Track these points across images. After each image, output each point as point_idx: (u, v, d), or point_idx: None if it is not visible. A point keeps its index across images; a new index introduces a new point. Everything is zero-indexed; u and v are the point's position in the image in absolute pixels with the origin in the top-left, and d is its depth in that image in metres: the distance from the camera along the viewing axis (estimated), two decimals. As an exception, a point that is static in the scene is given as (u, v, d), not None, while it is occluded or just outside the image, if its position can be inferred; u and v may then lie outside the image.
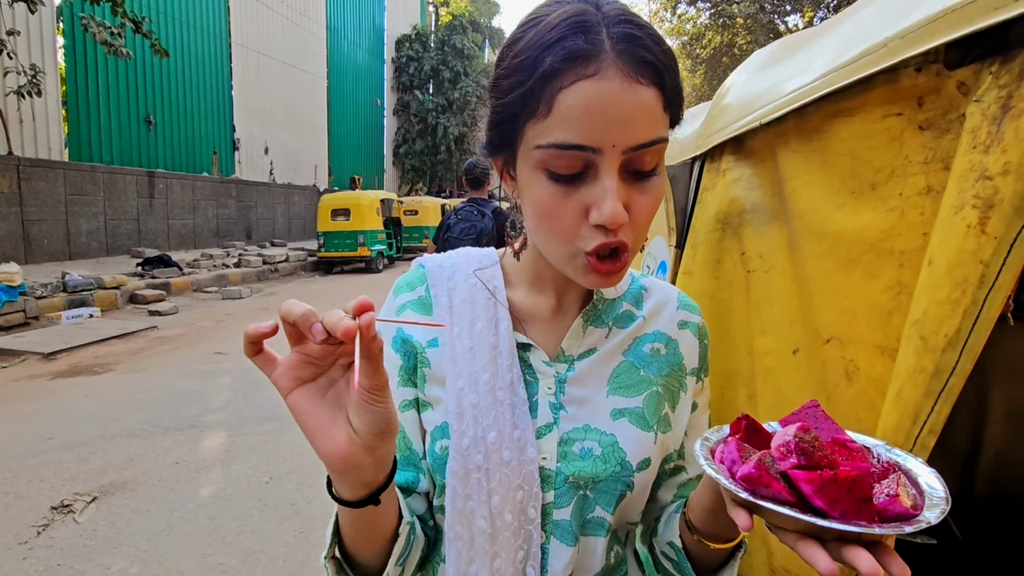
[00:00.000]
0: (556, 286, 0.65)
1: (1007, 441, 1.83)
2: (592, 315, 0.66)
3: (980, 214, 0.47)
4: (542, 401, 0.62)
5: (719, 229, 1.20)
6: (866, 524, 0.39)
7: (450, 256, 0.71)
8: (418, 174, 25.29)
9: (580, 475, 0.59)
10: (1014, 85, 0.47)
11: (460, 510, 0.58)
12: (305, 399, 0.45)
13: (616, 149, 0.48)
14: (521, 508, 0.58)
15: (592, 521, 0.61)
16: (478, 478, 0.57)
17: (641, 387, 0.64)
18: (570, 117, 0.48)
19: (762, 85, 1.07)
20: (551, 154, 0.50)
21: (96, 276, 7.86)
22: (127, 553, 2.47)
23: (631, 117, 0.48)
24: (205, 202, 13.23)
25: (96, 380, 4.77)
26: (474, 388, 0.60)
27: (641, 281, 0.72)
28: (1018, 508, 1.85)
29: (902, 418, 0.52)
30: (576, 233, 0.52)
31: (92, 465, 3.26)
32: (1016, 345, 1.80)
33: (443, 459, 0.60)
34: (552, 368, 0.63)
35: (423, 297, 0.67)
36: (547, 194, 0.51)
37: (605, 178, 0.49)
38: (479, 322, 0.63)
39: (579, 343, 0.65)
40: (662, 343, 0.67)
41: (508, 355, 0.61)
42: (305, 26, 17.85)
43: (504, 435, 0.58)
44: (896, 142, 0.65)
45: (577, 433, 0.61)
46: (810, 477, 0.40)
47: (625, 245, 0.52)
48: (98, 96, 11.00)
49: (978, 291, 0.47)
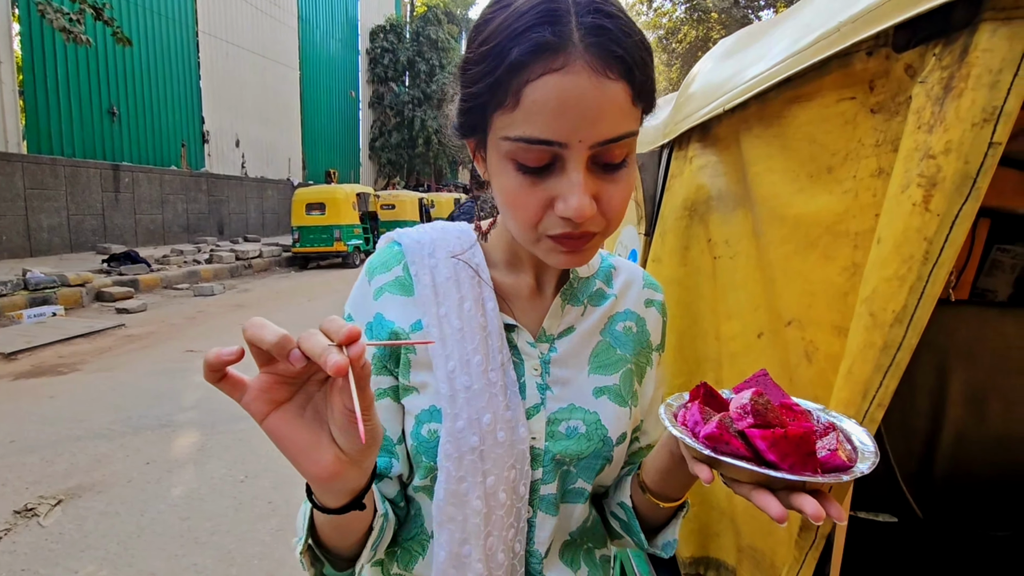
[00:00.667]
0: (533, 264, 0.66)
1: (966, 422, 1.90)
2: (569, 294, 0.67)
3: (924, 192, 0.48)
4: (529, 382, 0.63)
5: (686, 216, 1.22)
6: (811, 474, 0.44)
7: (426, 231, 0.69)
8: (395, 168, 25.02)
9: (566, 453, 0.62)
10: (955, 66, 0.48)
11: (454, 492, 0.58)
12: (284, 422, 0.43)
13: (583, 144, 0.48)
14: (513, 487, 0.59)
15: (573, 491, 0.64)
16: (472, 459, 0.58)
17: (618, 365, 0.67)
18: (537, 111, 0.47)
19: (726, 72, 1.09)
20: (518, 147, 0.49)
21: (59, 273, 7.60)
22: (95, 556, 2.40)
23: (599, 113, 0.47)
24: (174, 196, 12.88)
25: (61, 380, 4.63)
26: (466, 370, 0.59)
27: (609, 260, 0.74)
28: (977, 487, 1.93)
29: (853, 393, 0.54)
30: (541, 221, 0.52)
31: (57, 467, 3.16)
32: (974, 328, 1.87)
33: (431, 442, 0.60)
34: (536, 349, 0.64)
35: (401, 278, 0.65)
36: (515, 184, 0.52)
37: (572, 172, 0.49)
38: (466, 302, 0.62)
39: (558, 322, 0.66)
40: (632, 321, 0.70)
41: (497, 336, 0.62)
42: (276, 15, 17.44)
43: (498, 416, 0.59)
44: (850, 125, 0.67)
45: (563, 413, 0.63)
46: (764, 434, 0.45)
47: (590, 234, 0.53)
48: (57, 86, 10.59)
49: (923, 267, 0.48)
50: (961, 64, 0.47)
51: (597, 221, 0.52)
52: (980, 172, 0.45)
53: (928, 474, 1.93)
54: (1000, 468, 1.89)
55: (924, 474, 1.92)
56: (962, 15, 0.48)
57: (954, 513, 1.91)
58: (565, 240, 0.53)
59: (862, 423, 0.53)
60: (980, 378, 1.87)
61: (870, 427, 0.52)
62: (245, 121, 16.09)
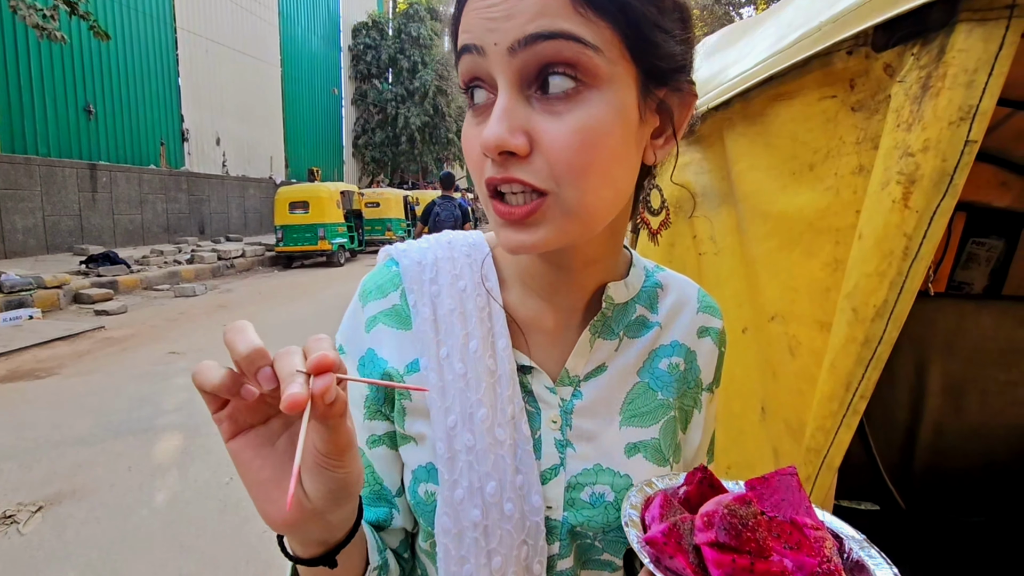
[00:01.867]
0: (549, 281, 0.54)
1: (944, 412, 1.95)
2: (600, 325, 0.54)
3: (904, 189, 0.49)
4: (546, 438, 0.52)
5: (672, 213, 1.23)
6: None
7: (431, 248, 0.57)
8: (379, 165, 24.85)
9: (590, 525, 0.51)
10: (933, 66, 0.49)
11: (456, 574, 0.49)
12: (248, 448, 0.37)
13: (499, 47, 0.40)
14: (526, 566, 0.50)
15: (595, 561, 0.54)
16: (475, 537, 0.48)
17: (658, 413, 0.55)
18: (465, 21, 0.42)
19: (709, 71, 1.10)
20: (459, 72, 0.44)
21: (35, 275, 7.43)
22: (76, 563, 2.36)
23: (515, 7, 0.39)
24: (153, 196, 12.64)
25: (38, 385, 4.52)
26: (468, 426, 0.50)
27: (656, 276, 0.61)
28: (954, 475, 1.97)
29: (836, 387, 0.55)
30: (481, 171, 0.44)
31: (36, 474, 3.09)
32: (951, 321, 1.91)
33: (428, 506, 0.51)
34: (556, 396, 0.53)
35: (398, 306, 0.54)
36: (465, 127, 0.46)
37: (499, 94, 0.41)
38: (473, 340, 0.52)
39: (585, 361, 0.54)
40: (681, 357, 0.57)
41: (508, 382, 0.51)
42: (256, 12, 17.20)
43: (505, 483, 0.49)
44: (831, 123, 0.68)
45: (587, 476, 0.52)
46: (721, 560, 0.34)
47: (518, 181, 0.41)
48: (31, 83, 10.32)
49: (902, 263, 0.49)
50: (938, 64, 0.48)
51: (536, 171, 0.41)
52: (957, 169, 0.46)
53: (909, 464, 1.98)
54: (976, 457, 1.94)
55: (905, 464, 1.97)
56: (939, 16, 0.49)
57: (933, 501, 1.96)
58: (493, 195, 0.43)
59: (845, 415, 0.54)
60: (958, 370, 1.92)
61: (853, 418, 0.54)
62: (226, 119, 15.85)
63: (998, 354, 1.88)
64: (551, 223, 0.43)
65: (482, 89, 0.43)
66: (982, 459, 1.93)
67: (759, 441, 0.88)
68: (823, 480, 0.55)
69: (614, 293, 0.54)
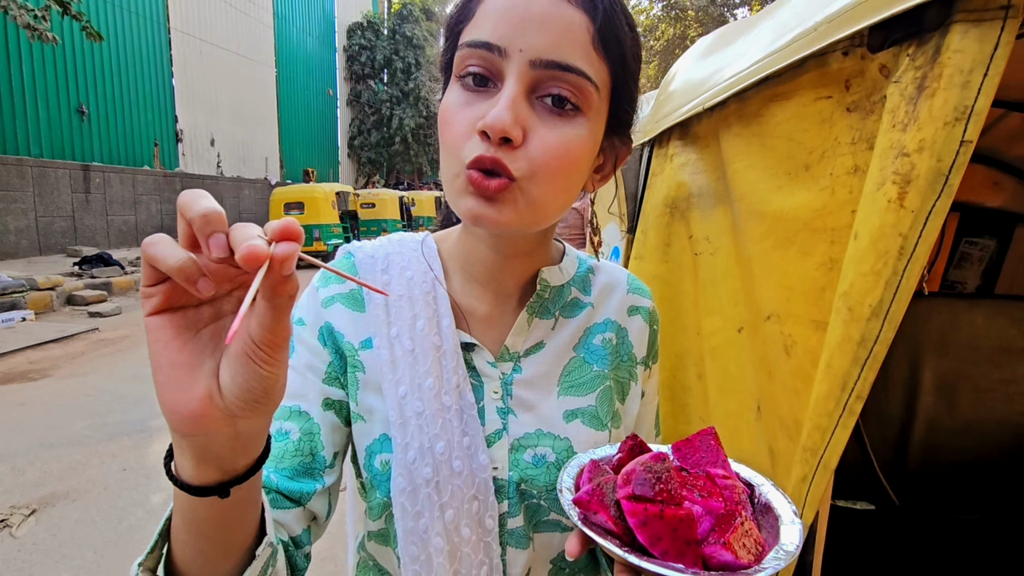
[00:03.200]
0: (491, 267, 0.60)
1: (937, 410, 1.96)
2: (537, 306, 0.61)
3: (899, 189, 0.49)
4: (489, 407, 0.57)
5: (668, 213, 1.23)
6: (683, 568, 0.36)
7: (383, 244, 0.65)
8: (375, 166, 24.79)
9: (534, 483, 0.56)
10: (928, 66, 0.49)
11: (412, 529, 0.53)
12: (168, 327, 0.33)
13: (523, 56, 0.45)
14: (478, 520, 0.54)
15: (545, 522, 0.58)
16: (428, 492, 0.52)
17: (593, 384, 0.61)
18: (487, 16, 0.47)
19: (705, 71, 1.10)
20: (463, 55, 0.48)
21: (28, 277, 7.37)
22: (71, 566, 2.34)
23: (546, 25, 0.45)
24: (147, 197, 12.58)
25: (32, 387, 4.49)
26: (417, 394, 0.54)
27: (589, 263, 0.68)
28: (948, 473, 1.99)
29: (832, 386, 0.55)
30: (463, 145, 0.48)
31: (29, 476, 3.07)
32: (944, 320, 1.92)
33: (384, 475, 0.55)
34: (497, 369, 0.59)
35: (354, 291, 0.60)
36: (450, 101, 0.49)
37: (506, 87, 0.46)
38: (420, 320, 0.57)
39: (524, 338, 0.60)
40: (613, 332, 0.64)
41: (452, 356, 0.56)
42: (250, 12, 17.13)
43: (453, 443, 0.54)
44: (827, 124, 0.68)
45: (529, 439, 0.57)
46: (635, 509, 0.38)
47: (502, 165, 0.46)
48: (23, 84, 10.25)
49: (898, 262, 0.50)
50: (934, 64, 0.48)
51: (518, 161, 0.46)
52: (952, 169, 0.47)
53: (903, 461, 1.99)
54: (969, 453, 1.96)
55: (899, 462, 1.98)
56: (934, 17, 0.49)
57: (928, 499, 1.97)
58: (475, 168, 0.47)
59: (841, 415, 0.54)
60: (951, 368, 1.93)
61: (850, 419, 0.54)
62: (220, 120, 15.78)
63: (991, 352, 1.89)
64: (513, 207, 0.48)
65: (483, 76, 0.48)
66: (975, 456, 1.94)
67: (755, 440, 0.88)
68: (820, 480, 0.55)
69: (548, 276, 0.61)
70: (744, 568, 0.36)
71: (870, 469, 1.95)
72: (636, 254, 1.35)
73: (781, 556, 0.37)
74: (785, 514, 0.41)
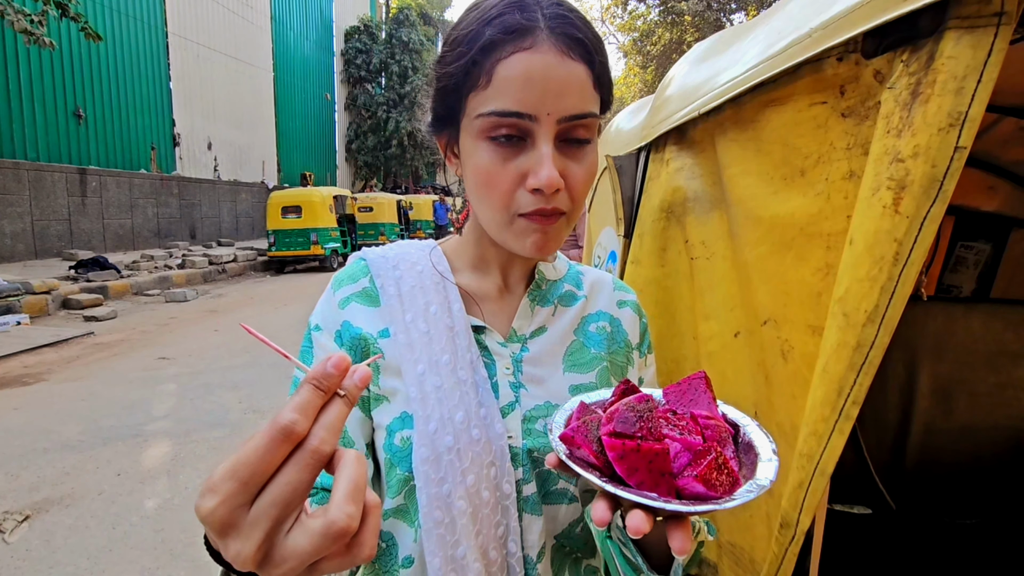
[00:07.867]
0: (500, 265, 0.67)
1: (933, 414, 1.96)
2: (537, 294, 0.69)
3: (894, 195, 0.49)
4: (502, 381, 0.63)
5: (664, 218, 1.23)
6: (656, 496, 0.39)
7: (391, 248, 0.71)
8: (372, 170, 24.78)
9: (545, 451, 0.61)
10: (922, 72, 0.49)
11: (435, 495, 0.57)
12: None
13: (551, 118, 0.52)
14: (496, 484, 0.58)
15: (554, 492, 0.63)
16: (450, 459, 0.57)
17: (593, 364, 0.67)
18: (508, 86, 0.52)
19: (701, 76, 1.10)
20: (491, 122, 0.53)
21: (24, 280, 7.34)
22: (64, 572, 2.32)
23: (564, 88, 0.52)
24: (144, 200, 12.54)
25: (26, 391, 4.46)
26: (435, 371, 0.60)
27: (576, 267, 0.76)
28: (944, 476, 1.99)
29: (828, 391, 0.55)
30: (513, 199, 0.55)
31: (23, 481, 3.05)
32: (940, 324, 1.93)
33: (404, 451, 0.59)
34: (507, 348, 0.65)
35: (367, 288, 0.66)
36: (487, 161, 0.55)
37: (542, 145, 0.53)
38: (432, 305, 0.63)
39: (528, 322, 0.67)
40: (606, 321, 0.71)
41: (465, 335, 0.62)
42: (248, 17, 17.14)
43: (471, 414, 0.59)
44: (822, 129, 0.68)
45: (539, 411, 0.63)
46: (613, 444, 0.41)
47: (560, 211, 0.55)
48: (20, 88, 10.23)
49: (893, 268, 0.50)
50: (928, 70, 0.48)
51: (564, 199, 0.55)
52: (947, 175, 0.47)
53: (900, 465, 1.99)
54: (965, 457, 1.96)
55: (896, 466, 1.98)
56: (928, 23, 0.49)
57: (924, 503, 1.97)
58: (536, 217, 0.55)
59: (838, 421, 0.54)
60: (947, 372, 1.94)
61: (845, 424, 0.54)
62: (217, 123, 15.77)
63: (987, 356, 1.90)
64: (562, 233, 0.58)
65: (514, 136, 0.54)
66: (971, 460, 1.94)
67: (752, 445, 0.88)
68: (816, 485, 0.55)
69: (544, 270, 0.70)
70: (716, 499, 0.39)
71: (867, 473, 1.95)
72: (632, 258, 1.35)
73: (753, 489, 0.40)
74: (764, 452, 0.44)
